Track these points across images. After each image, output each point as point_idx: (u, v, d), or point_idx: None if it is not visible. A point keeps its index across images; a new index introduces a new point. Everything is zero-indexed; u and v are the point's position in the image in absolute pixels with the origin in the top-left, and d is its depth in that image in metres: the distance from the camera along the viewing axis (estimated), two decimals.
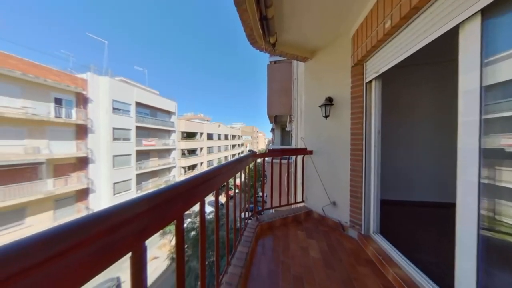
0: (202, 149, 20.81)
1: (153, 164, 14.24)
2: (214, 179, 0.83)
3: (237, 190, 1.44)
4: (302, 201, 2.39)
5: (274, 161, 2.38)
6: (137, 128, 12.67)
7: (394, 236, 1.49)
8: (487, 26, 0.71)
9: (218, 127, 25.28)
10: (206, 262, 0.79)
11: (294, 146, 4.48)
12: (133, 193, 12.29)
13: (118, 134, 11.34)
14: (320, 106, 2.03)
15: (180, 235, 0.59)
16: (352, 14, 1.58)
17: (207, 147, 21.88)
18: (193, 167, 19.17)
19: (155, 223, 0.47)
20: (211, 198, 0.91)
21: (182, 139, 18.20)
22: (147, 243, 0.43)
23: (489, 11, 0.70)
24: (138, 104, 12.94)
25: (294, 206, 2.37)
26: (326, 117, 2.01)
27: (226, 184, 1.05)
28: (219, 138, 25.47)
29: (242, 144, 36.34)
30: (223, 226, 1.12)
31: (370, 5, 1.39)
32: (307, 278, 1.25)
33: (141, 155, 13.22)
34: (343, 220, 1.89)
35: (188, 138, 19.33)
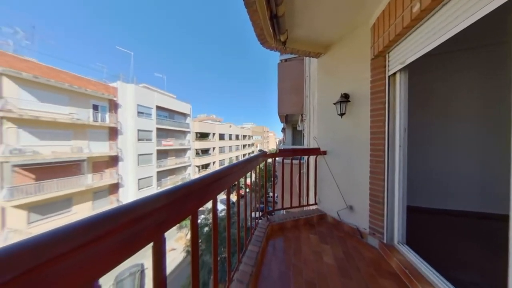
0: (214, 149, 21.64)
1: (171, 162, 15.40)
2: (225, 178, 0.86)
3: (247, 190, 1.45)
4: (315, 203, 2.29)
5: (285, 161, 2.33)
6: (157, 129, 13.89)
7: (425, 248, 1.31)
8: None
9: (229, 128, 25.95)
10: (218, 258, 0.82)
11: (306, 146, 4.32)
12: (154, 188, 13.48)
13: (141, 135, 12.63)
14: (335, 104, 1.91)
15: (194, 230, 0.62)
16: (371, 1, 1.45)
17: (219, 147, 22.66)
18: (206, 166, 20.08)
19: (173, 217, 0.50)
20: (223, 196, 0.94)
21: (196, 139, 19.25)
22: (166, 235, 0.47)
23: None
24: (158, 107, 14.17)
25: (306, 208, 2.29)
26: (342, 115, 1.88)
27: (237, 183, 1.07)
28: (230, 138, 26.13)
29: (253, 144, 36.58)
30: (234, 224, 1.14)
31: None
32: (321, 284, 1.19)
33: (160, 154, 14.43)
34: (361, 226, 1.74)
35: (201, 139, 20.33)
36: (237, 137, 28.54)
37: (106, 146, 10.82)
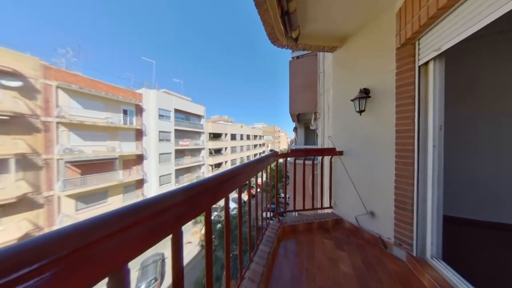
0: (226, 148, 22.34)
1: (187, 161, 16.52)
2: (237, 177, 0.87)
3: (258, 189, 1.45)
4: (330, 207, 2.16)
5: (297, 161, 2.26)
6: (175, 130, 15.06)
7: (467, 266, 1.11)
8: None
9: (240, 128, 26.43)
10: (230, 254, 0.84)
11: (320, 146, 4.11)
12: (172, 185, 14.64)
13: (162, 136, 13.87)
14: (352, 100, 1.76)
15: (208, 225, 0.65)
16: None
17: (231, 147, 23.28)
18: (218, 165, 20.86)
19: (189, 212, 0.53)
20: (235, 195, 0.96)
21: (209, 140, 20.17)
22: (183, 229, 0.50)
23: None
24: (176, 110, 15.37)
25: (320, 211, 2.17)
26: (361, 112, 1.72)
27: (248, 182, 1.08)
28: (241, 138, 26.60)
29: (263, 144, 36.49)
30: (246, 223, 1.16)
31: None
32: None
33: (178, 154, 15.59)
34: (385, 235, 1.57)
35: (214, 139, 21.20)
36: (248, 137, 28.88)
37: (133, 146, 12.25)
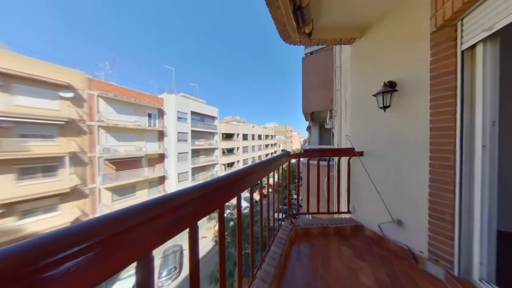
0: (238, 148, 22.84)
1: (202, 160, 17.55)
2: (248, 177, 0.88)
3: (270, 190, 1.44)
4: (348, 211, 1.99)
5: (311, 162, 2.15)
6: (191, 131, 16.17)
7: None
8: None
9: (252, 128, 26.66)
10: (242, 252, 0.85)
11: (336, 146, 3.84)
12: (189, 182, 15.75)
13: (180, 136, 15.10)
14: (375, 95, 1.59)
15: (221, 222, 0.68)
16: None
17: (243, 147, 23.71)
18: (231, 165, 21.48)
19: (204, 208, 0.56)
20: (247, 194, 0.97)
21: (222, 140, 20.95)
22: (199, 224, 0.53)
23: None
24: (192, 112, 16.52)
25: (336, 215, 2.02)
26: (385, 108, 1.54)
27: (259, 182, 1.07)
28: (253, 138, 26.81)
29: (275, 144, 36.02)
30: (257, 223, 1.16)
31: None
32: None
33: (194, 153, 16.69)
34: (416, 247, 1.37)
35: (227, 139, 21.92)
36: (259, 137, 28.94)
37: (156, 146, 13.64)
